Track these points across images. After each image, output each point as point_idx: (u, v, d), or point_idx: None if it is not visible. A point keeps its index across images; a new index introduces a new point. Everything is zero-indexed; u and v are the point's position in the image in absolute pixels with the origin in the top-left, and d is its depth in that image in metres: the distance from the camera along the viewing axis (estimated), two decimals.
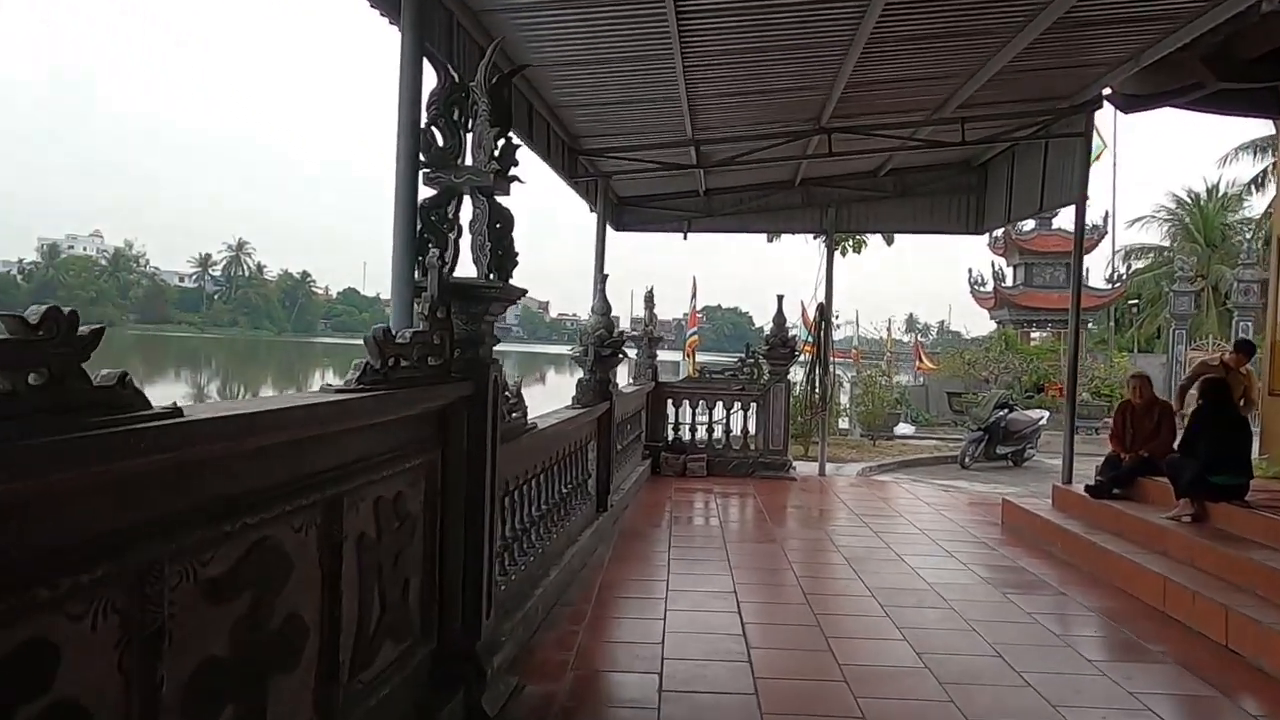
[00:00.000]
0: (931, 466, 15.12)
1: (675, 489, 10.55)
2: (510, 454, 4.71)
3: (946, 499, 10.84)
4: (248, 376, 59.97)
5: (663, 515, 8.93)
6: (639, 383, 11.15)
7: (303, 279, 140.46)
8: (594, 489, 7.78)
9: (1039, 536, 8.10)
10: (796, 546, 7.96)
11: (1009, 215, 10.76)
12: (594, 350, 7.80)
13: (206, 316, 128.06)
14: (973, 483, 13.38)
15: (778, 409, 11.69)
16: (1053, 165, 9.35)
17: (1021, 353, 23.11)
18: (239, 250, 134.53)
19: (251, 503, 2.43)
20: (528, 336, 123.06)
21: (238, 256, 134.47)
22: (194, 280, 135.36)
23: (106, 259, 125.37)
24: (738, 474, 11.56)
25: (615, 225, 12.38)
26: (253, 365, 73.66)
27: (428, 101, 4.00)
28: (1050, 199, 9.43)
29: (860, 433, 18.21)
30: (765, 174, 11.66)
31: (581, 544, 6.69)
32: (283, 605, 2.60)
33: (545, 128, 8.13)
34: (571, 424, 6.51)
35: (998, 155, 11.09)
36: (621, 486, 9.15)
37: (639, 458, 11.02)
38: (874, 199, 11.99)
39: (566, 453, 6.53)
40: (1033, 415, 15.76)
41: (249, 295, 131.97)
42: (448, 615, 3.92)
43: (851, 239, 19.13)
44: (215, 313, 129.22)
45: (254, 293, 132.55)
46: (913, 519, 9.14)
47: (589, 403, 7.46)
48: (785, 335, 11.70)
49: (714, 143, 9.00)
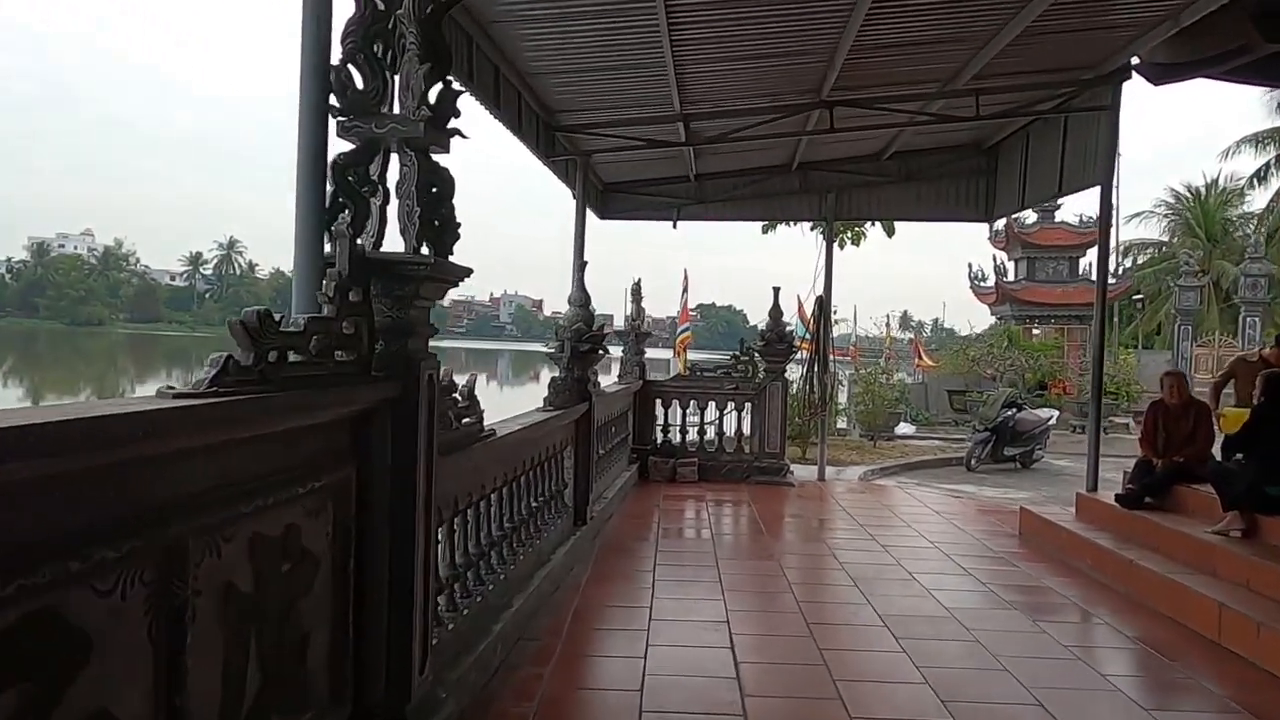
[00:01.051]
0: (936, 469, 14.37)
1: (664, 496, 9.77)
2: (458, 467, 3.93)
3: (956, 506, 10.08)
4: None
5: (649, 527, 8.15)
6: (625, 381, 10.37)
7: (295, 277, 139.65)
8: (571, 500, 7.00)
9: (1064, 551, 7.34)
10: (796, 564, 7.19)
11: (1023, 200, 10.00)
12: (570, 346, 7.02)
13: (197, 315, 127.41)
14: (981, 487, 12.63)
15: (774, 409, 10.92)
16: (1074, 144, 8.59)
17: (1026, 349, 22.33)
18: (230, 249, 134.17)
19: (19, 560, 1.66)
20: (521, 335, 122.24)
21: (229, 255, 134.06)
22: (185, 279, 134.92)
23: (96, 257, 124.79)
24: (731, 479, 10.79)
25: (600, 213, 11.60)
26: None
27: (342, 33, 3.21)
28: (1071, 181, 8.66)
29: (860, 433, 17.46)
30: (760, 156, 10.88)
31: (554, 564, 5.91)
32: (78, 702, 1.82)
33: (516, 98, 7.35)
34: (541, 429, 5.72)
35: (1011, 136, 10.33)
36: (604, 495, 8.37)
37: (625, 462, 10.25)
38: (877, 184, 11.22)
39: (536, 462, 5.74)
40: (1041, 415, 15.00)
41: (240, 293, 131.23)
42: (368, 674, 3.15)
43: (850, 231, 18.43)
44: (206, 311, 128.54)
45: (245, 291, 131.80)
46: (921, 530, 8.37)
47: (564, 404, 6.67)
48: (782, 330, 10.93)
49: (704, 118, 8.21)
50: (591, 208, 11.42)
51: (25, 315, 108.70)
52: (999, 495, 11.85)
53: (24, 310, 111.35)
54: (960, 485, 12.67)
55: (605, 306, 7.49)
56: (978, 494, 11.89)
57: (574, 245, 8.91)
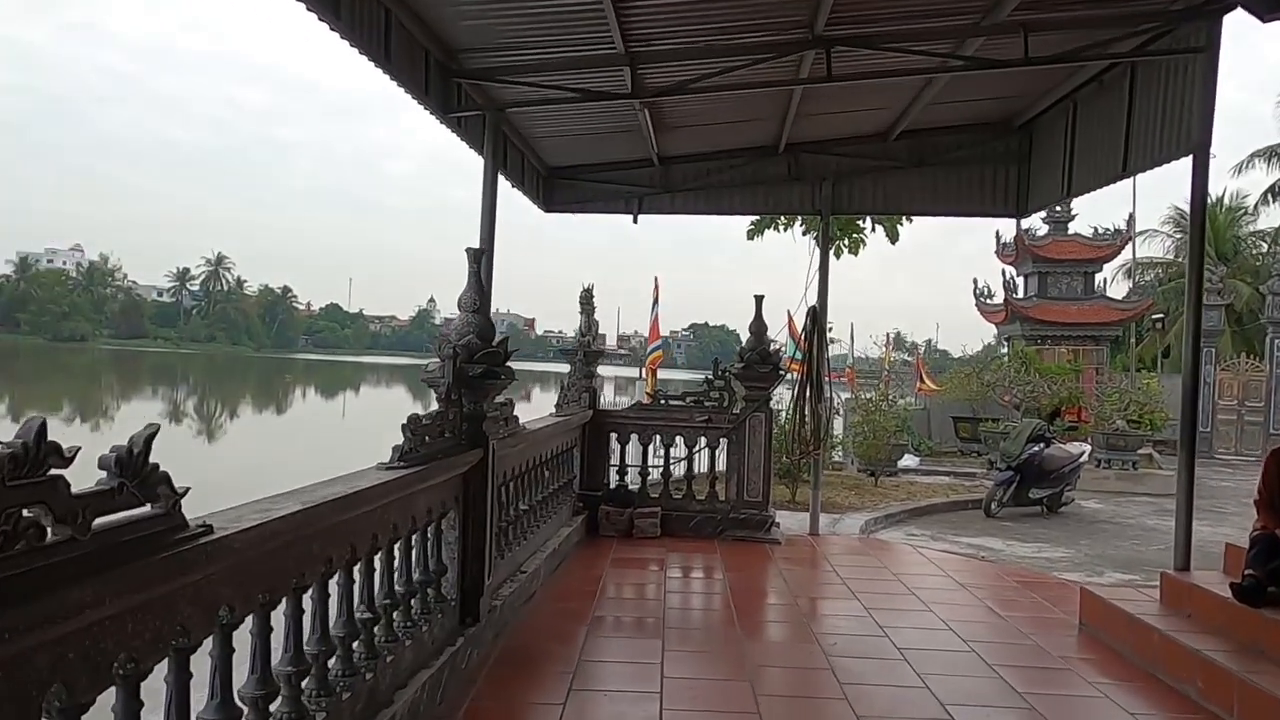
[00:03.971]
0: (949, 515, 12.19)
1: (614, 560, 7.61)
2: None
3: (985, 574, 7.93)
4: (223, 392, 56.86)
5: (581, 615, 5.96)
6: (567, 411, 8.21)
7: (284, 294, 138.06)
8: (454, 590, 4.85)
9: (1156, 660, 5.18)
10: (777, 685, 5.01)
11: (1068, 187, 7.91)
12: (453, 368, 4.86)
13: (184, 331, 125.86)
14: (1008, 540, 10.47)
15: (755, 447, 8.78)
16: (1147, 105, 6.51)
17: (1045, 373, 20.19)
18: (218, 265, 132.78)
19: None
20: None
21: (217, 271, 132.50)
22: (172, 294, 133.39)
23: (81, 272, 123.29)
24: (702, 534, 8.62)
25: (544, 204, 9.49)
26: (230, 381, 70.48)
27: None
28: (1143, 154, 6.56)
29: (858, 467, 15.27)
30: (738, 134, 8.79)
31: (404, 704, 3.76)
32: None
33: (405, 37, 5.28)
34: (362, 499, 3.54)
35: (1050, 110, 8.27)
36: (522, 570, 6.20)
37: (566, 514, 8.09)
38: (882, 170, 9.13)
39: (345, 560, 3.57)
40: (1071, 450, 12.85)
41: (228, 310, 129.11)
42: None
43: (848, 238, 16.35)
44: (193, 328, 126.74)
45: (233, 308, 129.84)
46: (947, 616, 6.21)
47: (437, 452, 4.50)
48: (766, 349, 8.80)
49: (657, 62, 6.12)
50: (532, 197, 9.34)
51: (7, 330, 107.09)
52: (1033, 554, 9.70)
53: (5, 325, 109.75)
54: (982, 538, 10.51)
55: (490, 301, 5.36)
56: (1006, 552, 9.74)
57: (480, 225, 6.73)
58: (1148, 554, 9.97)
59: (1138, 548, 10.41)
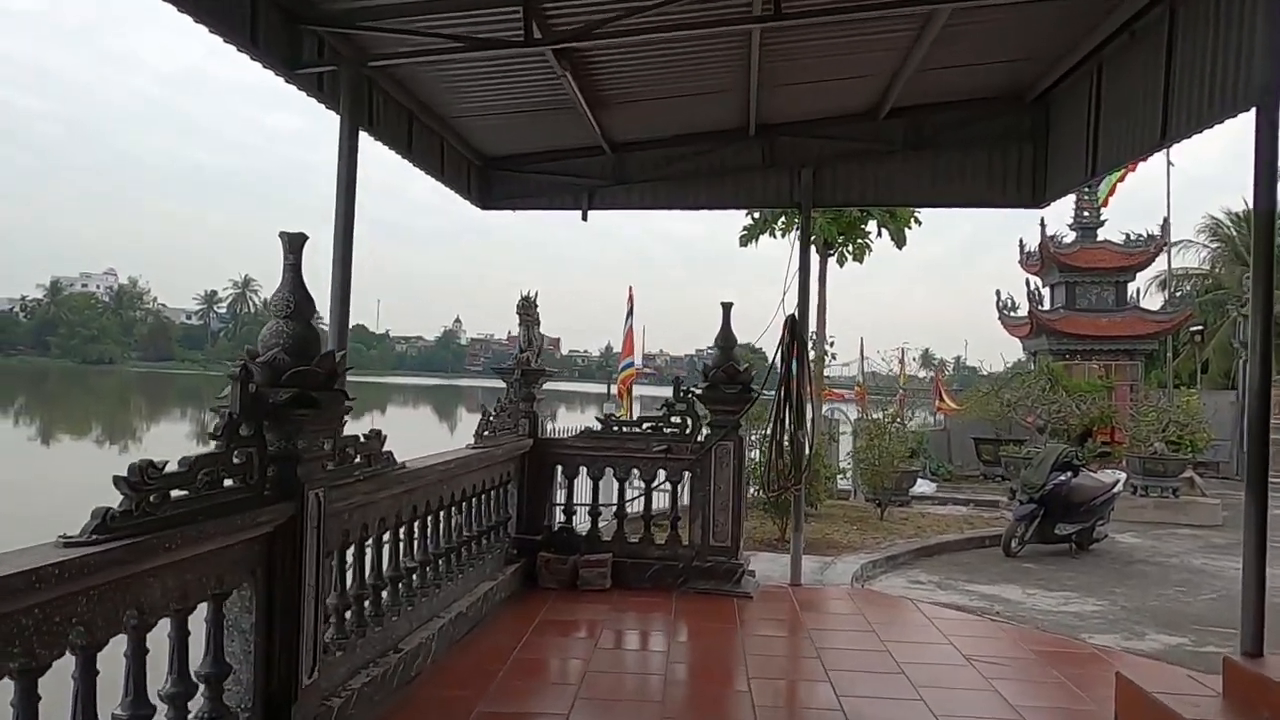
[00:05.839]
0: (962, 555, 10.68)
1: (541, 623, 6.24)
2: None
3: (997, 642, 6.48)
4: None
5: (464, 709, 4.61)
6: (494, 440, 6.88)
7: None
8: (250, 698, 3.54)
9: None
10: None
11: (1092, 165, 6.49)
12: (240, 392, 3.55)
13: (210, 354, 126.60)
14: (1029, 588, 8.95)
15: (724, 481, 7.40)
16: (1190, 54, 5.12)
17: (1072, 391, 18.55)
18: (245, 287, 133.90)
19: None
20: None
21: (244, 293, 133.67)
22: (199, 317, 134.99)
23: (110, 296, 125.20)
24: (660, 586, 7.25)
25: (480, 200, 8.21)
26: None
27: None
28: (1186, 115, 5.14)
29: (866, 495, 13.76)
30: (699, 112, 7.47)
31: None
32: None
33: None
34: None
35: (1069, 76, 6.88)
36: (398, 649, 4.87)
37: (493, 564, 6.76)
38: (872, 154, 7.75)
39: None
40: (1104, 479, 11.30)
41: (255, 332, 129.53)
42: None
43: (851, 244, 15.00)
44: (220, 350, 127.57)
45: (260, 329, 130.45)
46: (943, 710, 4.78)
47: (201, 511, 3.19)
48: (734, 368, 7.44)
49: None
50: (463, 192, 8.08)
51: (38, 353, 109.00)
52: (1058, 607, 8.19)
53: (36, 348, 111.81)
54: (999, 586, 9.01)
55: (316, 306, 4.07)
56: (1026, 605, 8.25)
57: (335, 204, 5.41)
58: (1195, 606, 8.45)
59: (1184, 597, 8.87)
